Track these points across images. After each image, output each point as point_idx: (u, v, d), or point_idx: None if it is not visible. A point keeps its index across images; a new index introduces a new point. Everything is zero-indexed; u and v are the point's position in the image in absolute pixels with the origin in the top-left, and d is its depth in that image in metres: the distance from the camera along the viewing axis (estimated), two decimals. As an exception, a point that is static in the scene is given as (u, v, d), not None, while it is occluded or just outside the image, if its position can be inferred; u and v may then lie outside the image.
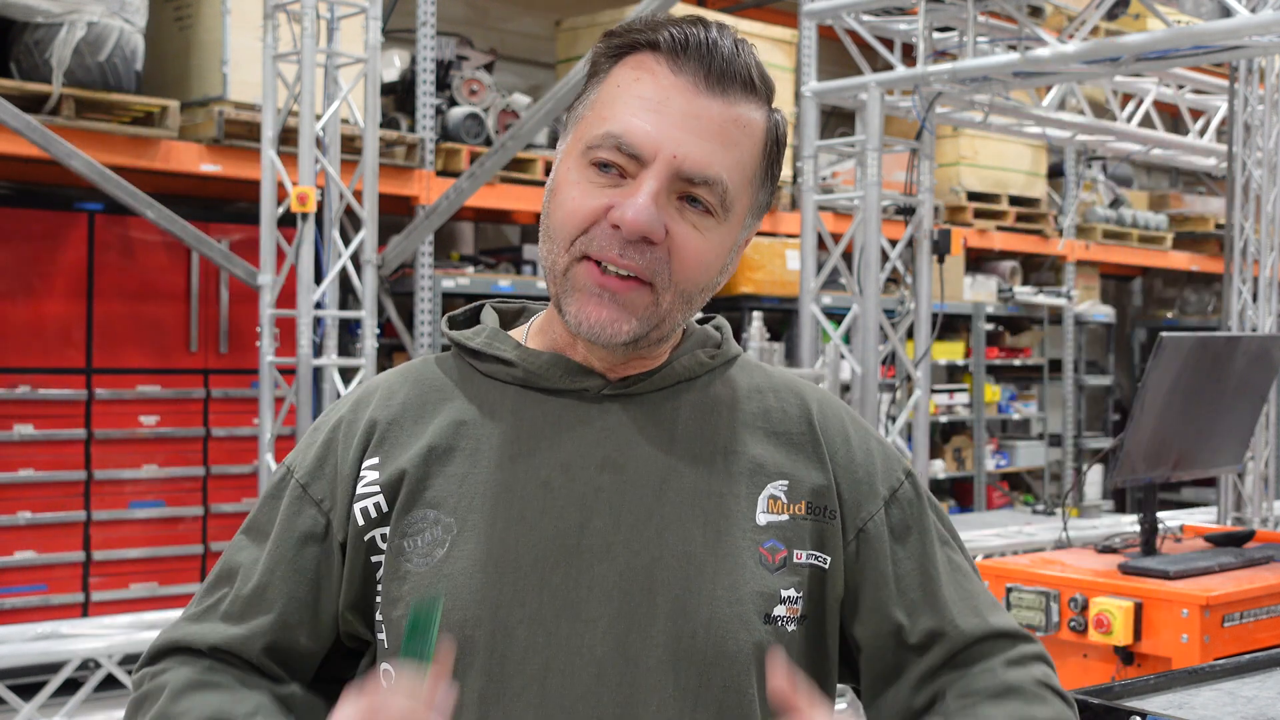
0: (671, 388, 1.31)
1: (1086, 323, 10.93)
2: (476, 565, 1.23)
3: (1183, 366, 3.53)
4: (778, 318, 8.44)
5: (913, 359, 5.81)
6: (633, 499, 1.24)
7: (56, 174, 5.73)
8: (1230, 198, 5.92)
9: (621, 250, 1.21)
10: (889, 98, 5.60)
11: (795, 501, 1.29)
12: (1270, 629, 3.35)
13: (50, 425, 5.94)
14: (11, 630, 4.53)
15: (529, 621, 1.21)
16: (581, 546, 1.22)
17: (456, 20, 8.12)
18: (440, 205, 5.65)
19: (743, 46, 1.25)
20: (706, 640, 1.22)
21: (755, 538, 1.26)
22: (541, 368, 1.29)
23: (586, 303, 1.22)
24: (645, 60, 1.24)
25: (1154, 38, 4.90)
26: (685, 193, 1.22)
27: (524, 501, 1.24)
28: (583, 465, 1.25)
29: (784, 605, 1.26)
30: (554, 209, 1.25)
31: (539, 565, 1.22)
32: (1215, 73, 7.19)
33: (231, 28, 6.02)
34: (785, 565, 1.26)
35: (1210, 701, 2.15)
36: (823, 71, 7.02)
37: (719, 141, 1.22)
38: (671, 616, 1.22)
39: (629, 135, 1.21)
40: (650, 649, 1.21)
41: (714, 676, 1.22)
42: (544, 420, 1.27)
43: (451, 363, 1.35)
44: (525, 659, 1.21)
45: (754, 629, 1.24)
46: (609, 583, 1.22)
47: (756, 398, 1.34)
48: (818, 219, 5.66)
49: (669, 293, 1.23)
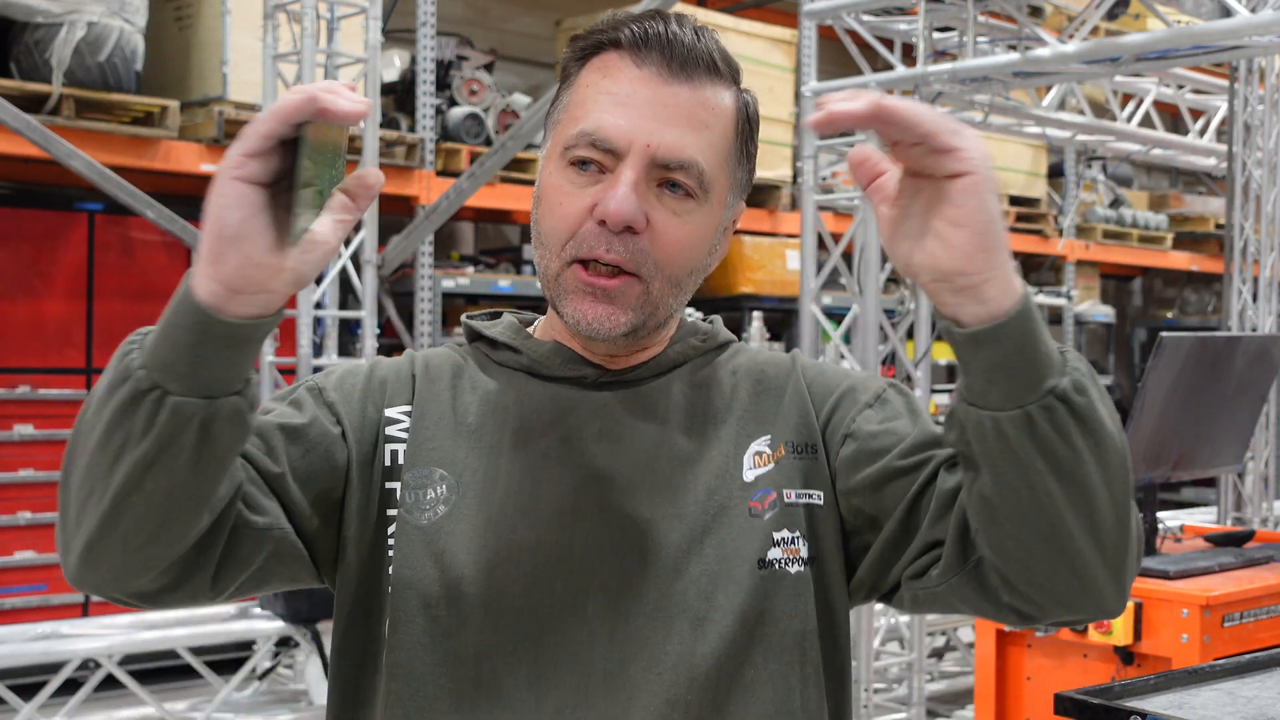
0: (665, 374, 1.36)
1: (1086, 323, 10.93)
2: (473, 527, 1.26)
3: (1183, 366, 3.53)
4: (778, 318, 8.44)
5: (913, 359, 5.81)
6: (626, 465, 1.29)
7: (56, 174, 5.74)
8: (1230, 198, 5.92)
9: (608, 245, 1.25)
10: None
11: (776, 448, 1.33)
12: (1270, 629, 3.35)
13: (50, 425, 5.94)
14: (11, 630, 4.54)
15: (523, 579, 1.25)
16: (576, 507, 1.27)
17: (456, 20, 8.13)
18: (440, 205, 5.65)
19: (703, 33, 1.29)
20: (697, 595, 1.25)
21: (743, 494, 1.30)
22: (543, 356, 1.35)
23: (580, 302, 1.27)
24: (609, 59, 1.28)
25: (1154, 38, 4.90)
26: (663, 179, 1.26)
27: (522, 469, 1.29)
28: (580, 436, 1.30)
29: (779, 547, 1.28)
30: (542, 215, 1.29)
31: (534, 526, 1.26)
32: (1215, 73, 7.19)
33: (231, 28, 6.02)
34: (776, 508, 1.29)
35: (1210, 701, 2.15)
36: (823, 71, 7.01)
37: (689, 126, 1.26)
38: (663, 575, 1.25)
39: (601, 130, 1.25)
40: (642, 606, 1.25)
41: (709, 631, 1.24)
42: (545, 401, 1.33)
43: (469, 351, 1.41)
44: (520, 616, 1.24)
45: (746, 579, 1.26)
46: (602, 542, 1.26)
47: (745, 370, 1.39)
48: (818, 219, 5.66)
49: (657, 280, 1.27)
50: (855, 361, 5.58)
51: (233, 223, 1.04)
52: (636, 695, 1.23)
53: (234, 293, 1.06)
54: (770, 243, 8.22)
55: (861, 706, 5.11)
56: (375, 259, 5.41)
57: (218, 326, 1.07)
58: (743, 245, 8.10)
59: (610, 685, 1.23)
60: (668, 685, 1.23)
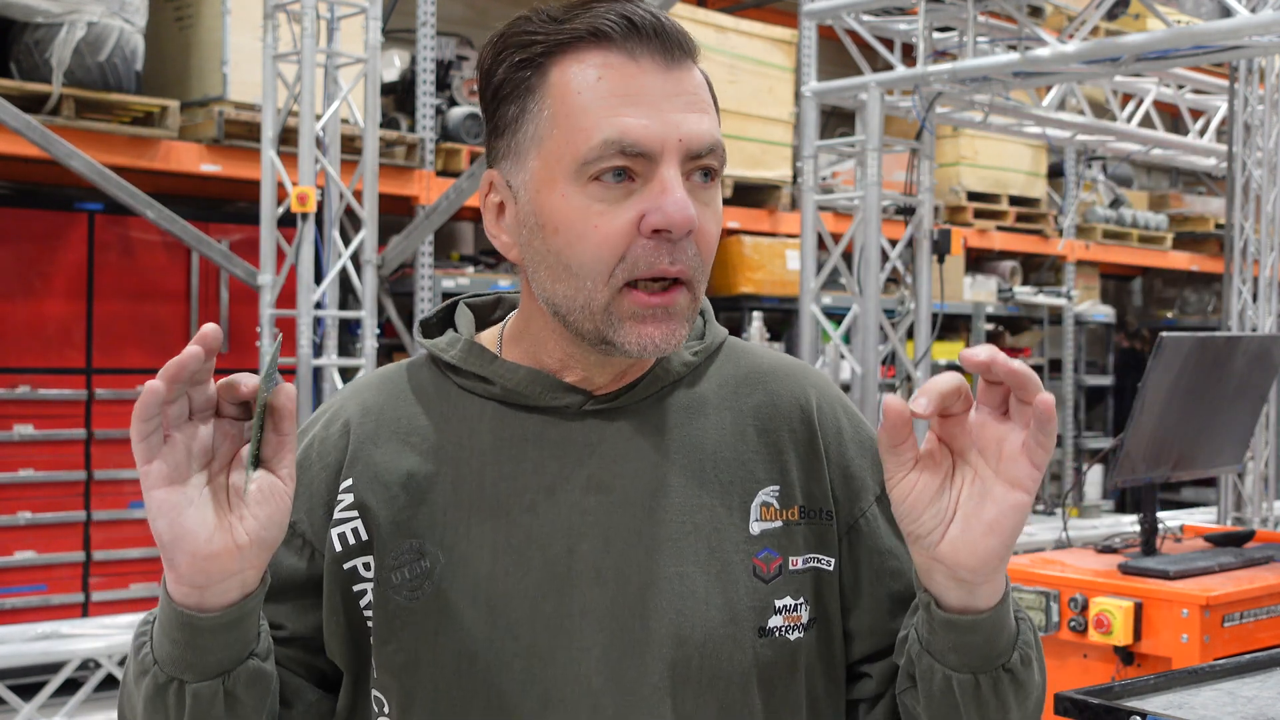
0: (656, 394, 1.26)
1: (1086, 323, 10.93)
2: (466, 599, 1.19)
3: (1183, 366, 3.53)
4: (778, 318, 8.44)
5: (913, 359, 5.81)
6: (621, 521, 1.20)
7: (56, 174, 5.74)
8: (1230, 198, 5.92)
9: (671, 257, 1.14)
10: (889, 98, 5.60)
11: (788, 507, 1.25)
12: (1270, 629, 3.35)
13: (50, 425, 5.94)
14: (11, 630, 4.54)
15: (524, 654, 1.18)
16: (571, 573, 1.19)
17: (456, 20, 8.12)
18: (440, 205, 5.65)
19: (662, 13, 1.20)
20: (701, 664, 1.19)
21: (748, 549, 1.22)
22: (520, 384, 1.23)
23: (643, 326, 1.16)
24: (590, 56, 1.16)
25: (1154, 38, 4.90)
26: (695, 169, 1.17)
27: (509, 528, 1.20)
28: (567, 488, 1.20)
29: (781, 615, 1.22)
30: (570, 245, 1.15)
31: (529, 595, 1.19)
32: (1215, 73, 7.19)
33: (231, 28, 6.02)
34: (780, 574, 1.23)
35: (1210, 701, 2.15)
36: (823, 71, 7.01)
37: (699, 109, 1.17)
38: (666, 642, 1.19)
39: (629, 135, 1.13)
40: (646, 676, 1.18)
41: (710, 700, 1.20)
42: (525, 439, 1.22)
43: (428, 373, 1.29)
44: (524, 692, 1.18)
45: (748, 647, 1.21)
46: (601, 610, 1.18)
47: (747, 391, 1.29)
48: (818, 219, 5.66)
49: (701, 282, 1.19)
50: (855, 362, 5.58)
51: (163, 531, 1.05)
52: None
53: (202, 588, 1.07)
54: (770, 243, 8.22)
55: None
56: (375, 259, 5.41)
57: (203, 622, 1.08)
58: (743, 245, 8.10)
59: None
60: None
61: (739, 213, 8.13)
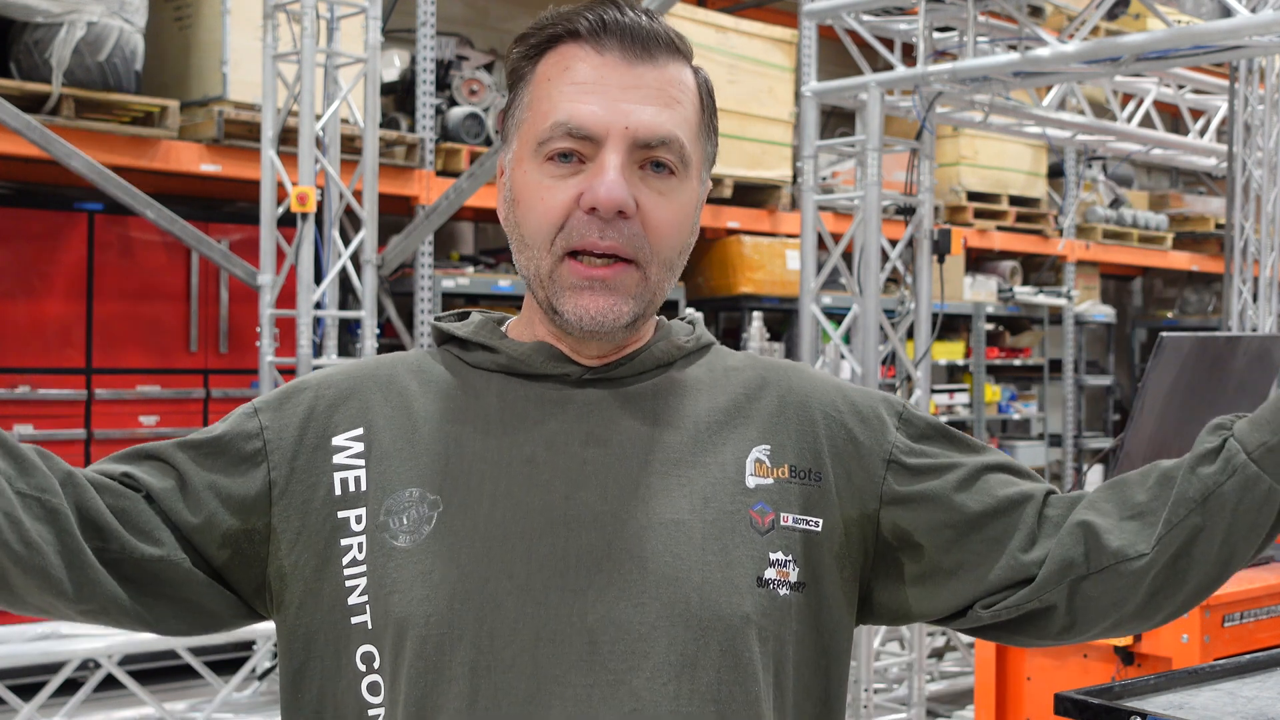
0: (649, 372, 1.33)
1: (1086, 323, 10.93)
2: (463, 540, 1.23)
3: (1183, 366, 3.53)
4: (778, 318, 8.45)
5: (913, 359, 5.81)
6: (618, 470, 1.26)
7: (56, 174, 5.74)
8: (1230, 198, 5.92)
9: (601, 232, 1.23)
10: (889, 98, 5.60)
11: (779, 465, 1.30)
12: (1270, 629, 3.35)
13: (50, 425, 5.94)
14: (11, 630, 4.53)
15: (517, 592, 1.21)
16: (568, 517, 1.23)
17: (456, 20, 8.13)
18: (440, 205, 5.65)
19: (653, 15, 1.29)
20: (700, 605, 1.22)
21: (744, 500, 1.28)
22: (524, 353, 1.31)
23: (580, 297, 1.25)
24: (568, 50, 1.28)
25: (1154, 38, 4.90)
26: (647, 159, 1.25)
27: (509, 477, 1.25)
28: (567, 441, 1.27)
29: (774, 568, 1.26)
30: (524, 216, 1.27)
31: (525, 536, 1.22)
32: (1215, 73, 7.19)
33: (231, 28, 6.02)
34: (774, 528, 1.28)
35: (1210, 701, 2.15)
36: (823, 71, 7.02)
37: (661, 103, 1.26)
38: (662, 584, 1.22)
39: (576, 118, 1.24)
40: (642, 616, 1.21)
41: (710, 641, 1.22)
42: (527, 401, 1.29)
43: (438, 354, 1.37)
44: (515, 630, 1.21)
45: (746, 593, 1.24)
46: (598, 552, 1.22)
47: (736, 375, 1.37)
48: (818, 219, 5.66)
49: (653, 265, 1.26)
50: (855, 362, 5.58)
51: None
52: (642, 706, 1.20)
53: None
54: (770, 243, 8.22)
55: (862, 706, 5.11)
56: (375, 259, 5.41)
57: None
58: (743, 245, 8.10)
59: (613, 696, 1.20)
60: (671, 696, 1.21)
61: (739, 212, 8.13)
